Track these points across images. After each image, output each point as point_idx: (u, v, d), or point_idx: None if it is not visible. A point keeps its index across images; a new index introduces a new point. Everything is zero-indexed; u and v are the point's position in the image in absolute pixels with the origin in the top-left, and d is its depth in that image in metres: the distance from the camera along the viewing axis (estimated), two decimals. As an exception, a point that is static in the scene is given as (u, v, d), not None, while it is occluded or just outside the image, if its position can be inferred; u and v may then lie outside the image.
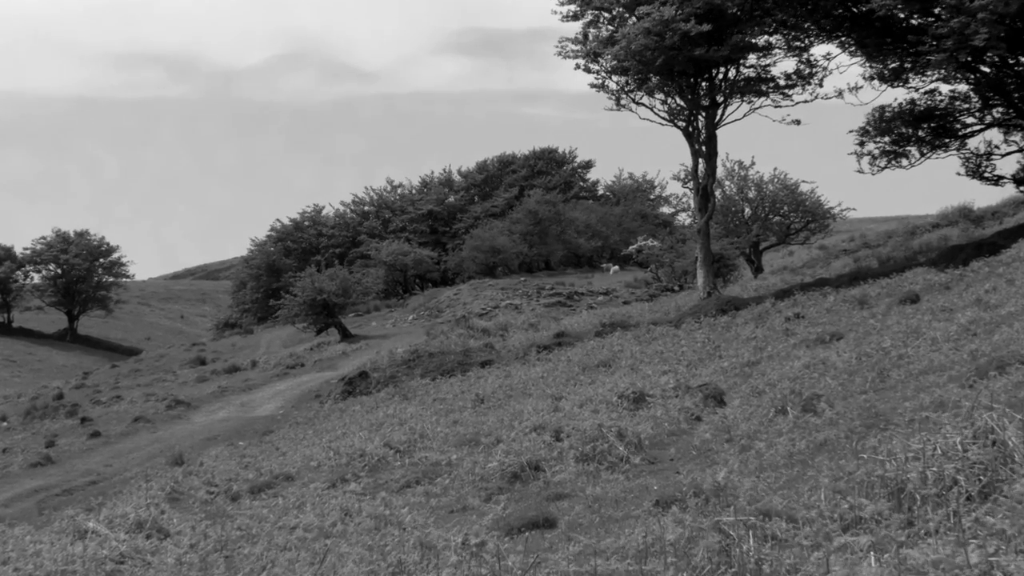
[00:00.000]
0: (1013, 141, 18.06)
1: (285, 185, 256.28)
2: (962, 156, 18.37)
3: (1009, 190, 20.12)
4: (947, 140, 18.36)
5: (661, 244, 39.44)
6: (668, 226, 60.98)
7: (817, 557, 3.55)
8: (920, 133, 18.37)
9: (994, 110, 18.06)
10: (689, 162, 20.11)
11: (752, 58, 18.71)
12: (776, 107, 19.03)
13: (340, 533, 6.21)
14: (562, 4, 18.77)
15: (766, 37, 18.50)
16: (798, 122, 19.18)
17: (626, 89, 19.30)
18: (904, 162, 18.93)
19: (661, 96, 19.22)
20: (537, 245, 53.22)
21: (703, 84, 18.98)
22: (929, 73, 17.43)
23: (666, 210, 70.57)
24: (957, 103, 18.30)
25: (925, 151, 18.54)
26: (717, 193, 28.41)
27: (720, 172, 29.19)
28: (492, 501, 6.70)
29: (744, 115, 19.24)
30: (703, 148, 19.26)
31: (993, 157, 18.27)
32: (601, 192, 76.26)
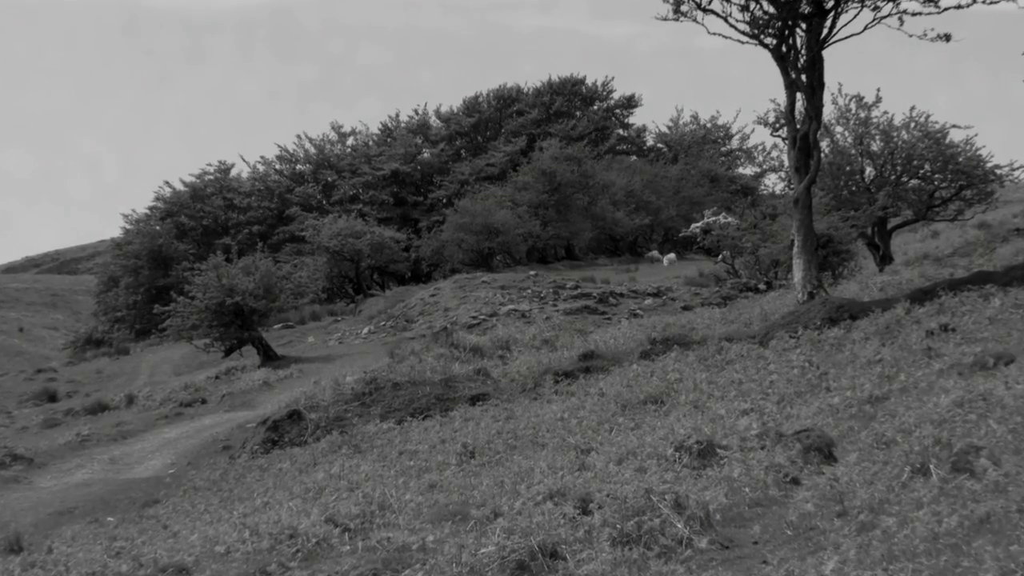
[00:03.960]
0: None
1: (177, 131, 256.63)
2: None
3: None
4: None
5: (739, 221, 39.44)
6: (750, 194, 61.09)
7: None
8: None
9: None
10: (782, 98, 20.09)
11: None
12: (914, 15, 18.97)
13: (259, 652, 6.18)
14: None
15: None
16: (947, 37, 19.13)
17: (689, -12, 19.33)
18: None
19: (741, 0, 19.22)
20: (554, 222, 53.40)
21: (804, -19, 19.00)
22: None
23: (747, 170, 70.89)
24: None
25: None
26: (824, 145, 28.55)
27: (829, 112, 29.32)
28: (487, 604, 6.68)
29: (865, 27, 19.21)
30: (803, 78, 19.25)
31: None
32: (650, 143, 76.44)
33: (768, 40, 19.35)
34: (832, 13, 19.04)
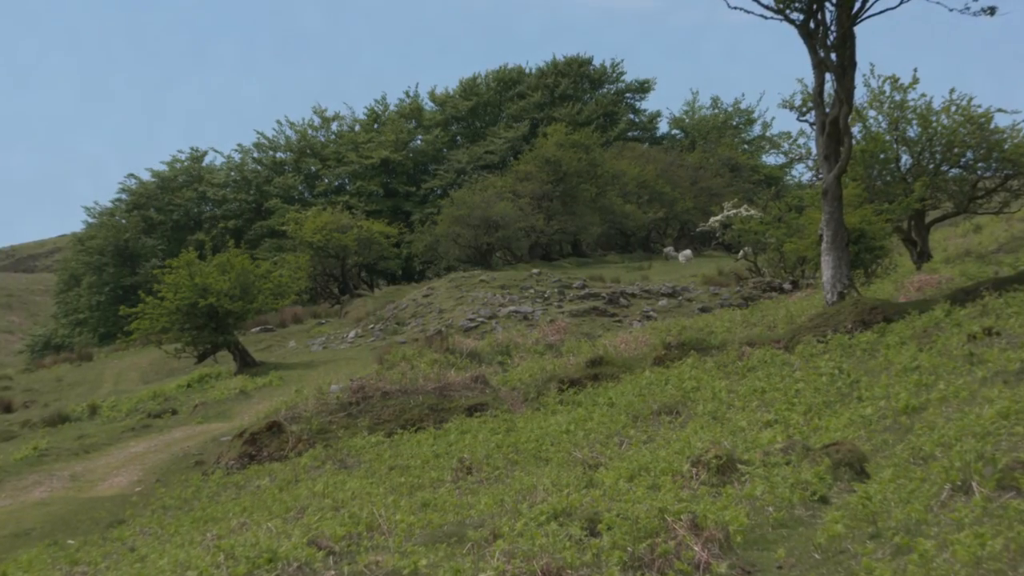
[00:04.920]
0: None
1: (146, 115, 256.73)
2: None
3: None
4: None
5: (762, 214, 39.48)
6: (774, 185, 61.15)
7: None
8: None
9: None
10: (810, 80, 20.07)
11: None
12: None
13: None
14: None
15: None
16: (992, 11, 19.13)
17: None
18: None
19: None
20: (559, 216, 53.49)
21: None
22: None
23: (772, 159, 71.01)
24: None
25: None
26: (856, 130, 28.51)
27: (861, 95, 29.28)
28: (485, 635, 6.68)
29: (900, 1, 19.21)
30: (832, 57, 19.24)
31: None
32: (665, 130, 76.57)
33: (794, 15, 19.33)
34: (865, -15, 19.02)
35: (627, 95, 73.61)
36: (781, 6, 19.29)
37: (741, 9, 19.52)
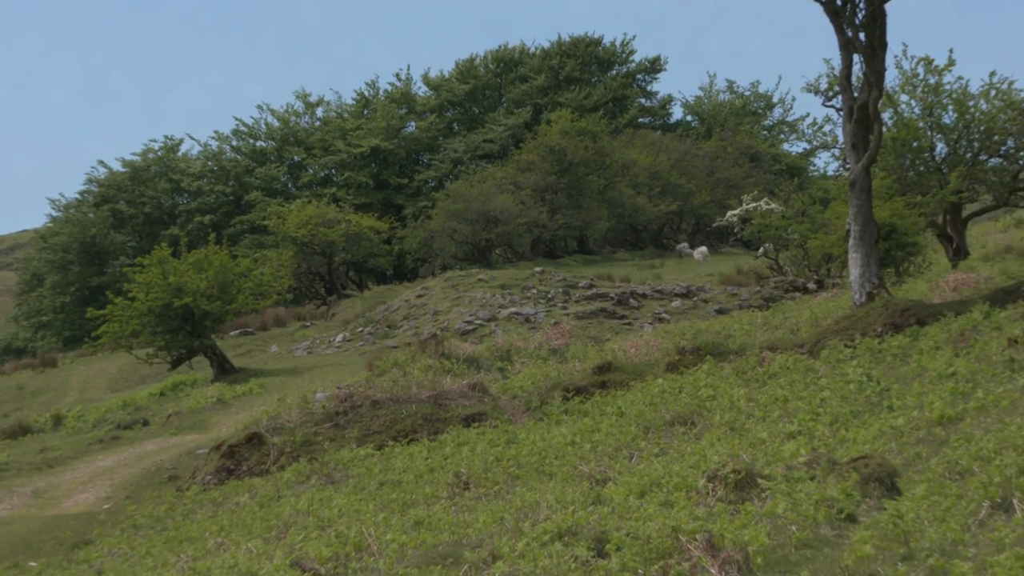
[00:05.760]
0: None
1: (113, 100, 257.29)
2: None
3: None
4: None
5: (784, 208, 39.48)
6: (797, 175, 61.16)
7: None
8: None
9: None
10: (836, 61, 20.08)
11: None
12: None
13: None
14: None
15: None
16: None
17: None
18: None
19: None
20: (564, 209, 53.54)
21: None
22: None
23: (794, 147, 71.06)
24: None
25: None
26: (886, 116, 28.52)
27: (892, 78, 29.27)
28: (483, 665, 6.69)
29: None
30: (861, 37, 19.25)
31: None
32: (679, 116, 76.61)
33: (820, -9, 19.36)
34: (896, -41, 19.04)
35: (638, 76, 73.58)
36: (805, -18, 19.31)
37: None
